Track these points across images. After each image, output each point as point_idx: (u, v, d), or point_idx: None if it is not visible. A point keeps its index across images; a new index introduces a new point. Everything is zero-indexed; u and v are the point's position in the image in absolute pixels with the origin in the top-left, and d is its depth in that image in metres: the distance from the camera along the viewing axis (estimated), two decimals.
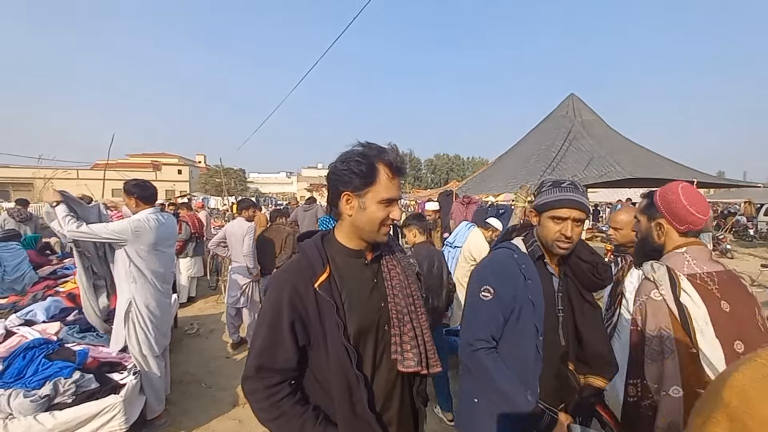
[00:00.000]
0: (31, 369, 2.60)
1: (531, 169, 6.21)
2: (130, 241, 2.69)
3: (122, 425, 2.46)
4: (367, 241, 1.13)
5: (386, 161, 1.06)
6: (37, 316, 3.45)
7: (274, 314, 1.04)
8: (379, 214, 1.07)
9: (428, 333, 1.19)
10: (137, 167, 41.43)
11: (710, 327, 1.18)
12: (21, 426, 2.22)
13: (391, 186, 1.07)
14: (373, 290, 1.14)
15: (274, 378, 1.04)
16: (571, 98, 7.88)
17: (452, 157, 63.37)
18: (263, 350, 1.04)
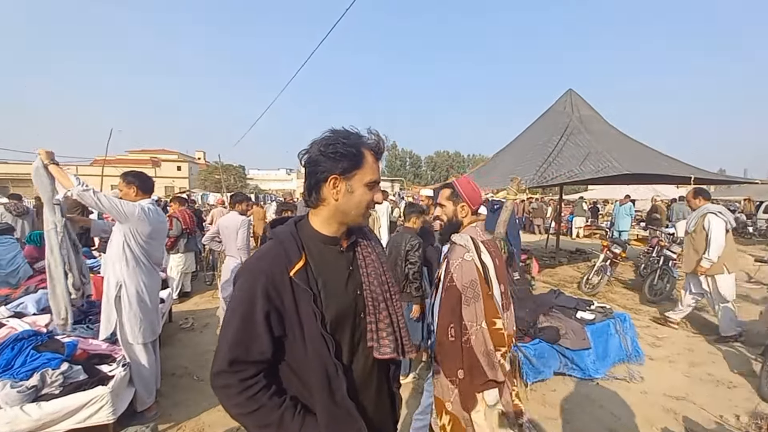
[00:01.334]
0: (19, 360, 2.59)
1: (527, 164, 6.18)
2: (131, 223, 2.70)
3: (110, 416, 2.45)
4: (349, 225, 1.14)
5: (370, 145, 1.10)
6: (27, 308, 3.45)
7: (247, 305, 1.00)
8: (366, 196, 1.10)
9: (402, 320, 1.20)
10: (136, 163, 41.41)
11: (494, 275, 1.72)
12: (7, 416, 2.21)
13: (375, 169, 1.10)
14: (349, 278, 1.13)
15: (249, 371, 1.01)
16: (569, 94, 7.83)
17: (452, 155, 63.27)
18: (237, 343, 1.00)
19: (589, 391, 3.36)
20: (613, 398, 3.27)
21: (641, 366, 3.85)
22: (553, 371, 3.31)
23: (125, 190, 2.88)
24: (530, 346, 3.14)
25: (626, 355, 3.89)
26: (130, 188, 2.86)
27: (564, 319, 3.63)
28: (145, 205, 2.77)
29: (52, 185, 2.63)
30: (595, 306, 4.13)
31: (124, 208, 2.61)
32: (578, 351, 3.47)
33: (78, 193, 2.48)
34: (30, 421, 2.24)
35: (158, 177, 41.17)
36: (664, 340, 4.57)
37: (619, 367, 3.81)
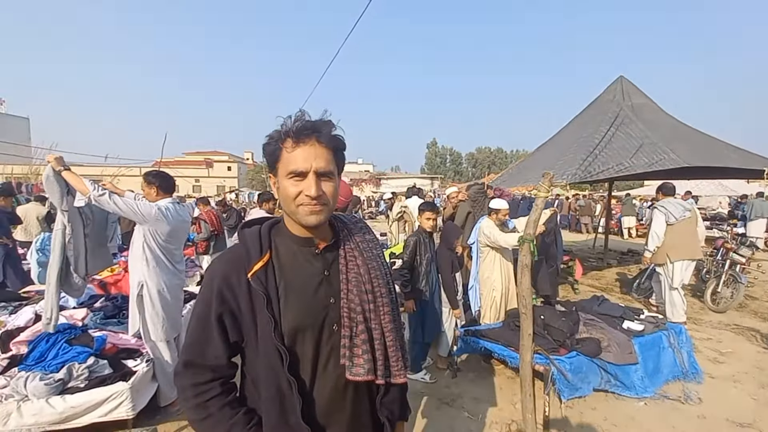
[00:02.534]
0: (52, 353, 2.72)
1: (570, 158, 5.71)
2: (149, 224, 2.74)
3: (129, 412, 2.50)
4: (300, 225, 0.98)
5: (284, 131, 0.93)
6: (68, 302, 3.66)
7: (203, 306, 0.95)
8: (288, 190, 0.93)
9: (391, 336, 1.02)
10: (192, 164, 44.20)
11: None
12: (34, 408, 2.32)
13: (294, 157, 0.91)
14: (322, 284, 0.99)
15: (204, 375, 0.95)
16: (620, 81, 7.20)
17: (494, 150, 61.39)
18: (192, 345, 0.96)
19: (635, 412, 2.99)
20: (664, 421, 2.89)
21: (699, 385, 3.40)
22: (593, 387, 2.98)
23: (147, 190, 2.93)
24: (565, 360, 2.84)
25: (681, 372, 3.45)
26: (151, 188, 2.91)
27: (607, 330, 3.27)
28: (163, 205, 2.79)
29: (62, 191, 2.72)
30: (645, 315, 3.70)
31: (140, 209, 2.65)
32: (623, 366, 3.10)
33: (95, 198, 2.54)
34: (54, 414, 2.34)
35: (211, 177, 43.72)
36: (729, 356, 4.03)
37: (672, 385, 3.38)
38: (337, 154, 0.97)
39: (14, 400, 2.34)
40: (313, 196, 0.90)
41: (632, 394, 3.12)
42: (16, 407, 2.31)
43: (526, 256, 2.43)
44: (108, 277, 4.81)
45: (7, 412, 2.29)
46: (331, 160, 0.94)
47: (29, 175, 20.70)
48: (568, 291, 6.35)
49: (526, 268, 2.44)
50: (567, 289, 6.41)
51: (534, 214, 2.40)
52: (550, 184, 2.38)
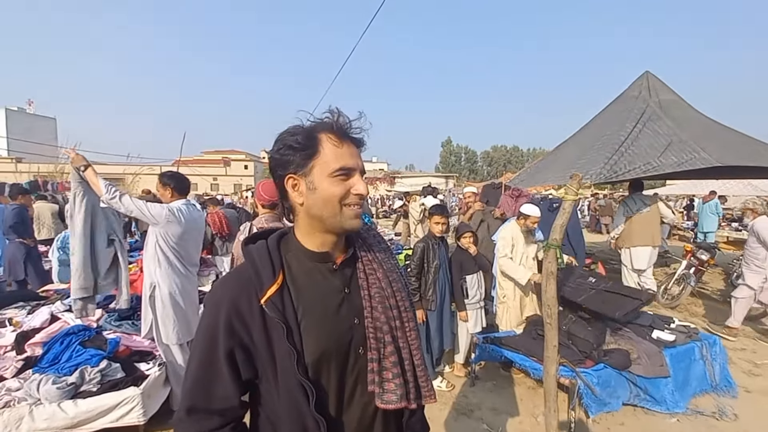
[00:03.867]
0: (65, 355, 2.71)
1: (593, 156, 5.47)
2: (160, 226, 2.70)
3: (140, 417, 2.47)
4: (334, 232, 0.87)
5: (326, 125, 0.84)
6: None
7: (208, 342, 0.82)
8: (334, 189, 0.82)
9: (418, 355, 0.92)
10: (210, 163, 44.95)
11: None
12: (45, 413, 2.30)
13: (341, 153, 0.83)
14: (343, 303, 0.88)
15: (212, 421, 0.82)
16: (645, 77, 6.88)
17: (510, 149, 60.54)
18: (196, 388, 0.82)
19: (667, 429, 2.81)
20: None
21: (734, 399, 3.19)
22: (622, 402, 2.81)
23: (161, 191, 2.89)
24: (592, 373, 2.68)
25: (710, 385, 3.24)
26: (165, 189, 2.86)
27: (636, 340, 3.08)
28: (174, 206, 2.74)
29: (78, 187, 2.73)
30: (675, 324, 3.49)
31: (151, 211, 2.61)
32: (653, 379, 2.92)
33: (106, 201, 2.52)
34: (66, 419, 2.31)
35: (228, 175, 44.36)
36: (765, 368, 3.77)
37: (705, 399, 3.18)
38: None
39: (27, 403, 2.33)
40: (365, 194, 0.85)
41: (663, 410, 2.94)
42: (29, 411, 2.29)
43: (551, 262, 2.29)
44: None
45: (19, 416, 2.28)
46: None
47: (54, 173, 21.35)
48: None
49: (551, 276, 2.29)
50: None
51: (561, 218, 2.25)
52: (579, 186, 2.22)
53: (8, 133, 36.90)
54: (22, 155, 32.07)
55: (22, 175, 21.67)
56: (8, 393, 2.42)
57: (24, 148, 30.84)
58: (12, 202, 5.65)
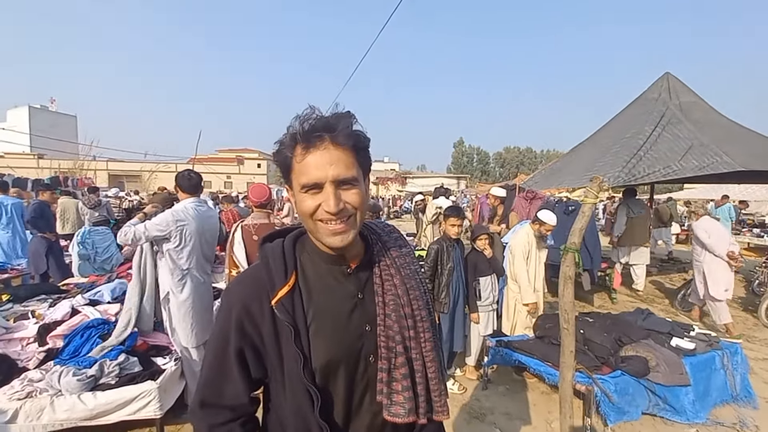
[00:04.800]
0: (85, 348, 2.77)
1: (611, 159, 5.37)
2: (173, 231, 2.72)
3: (157, 411, 2.50)
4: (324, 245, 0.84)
5: (292, 135, 0.77)
6: (103, 296, 3.74)
7: (220, 339, 0.84)
8: (303, 205, 0.78)
9: (434, 367, 0.88)
10: (223, 161, 45.53)
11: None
12: (66, 404, 2.35)
13: (304, 166, 0.76)
14: (356, 309, 0.86)
15: (221, 416, 0.83)
16: (665, 78, 6.73)
17: (523, 150, 59.80)
18: (207, 383, 0.85)
19: None
20: None
21: (755, 411, 3.09)
22: (641, 411, 2.75)
23: (179, 191, 2.92)
24: (609, 380, 2.63)
25: (731, 395, 3.16)
26: (175, 189, 2.92)
27: (654, 347, 3.01)
28: (181, 207, 2.78)
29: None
30: (695, 332, 3.40)
31: (158, 222, 2.66)
32: (673, 388, 2.85)
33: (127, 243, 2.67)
34: (85, 410, 2.36)
35: (241, 174, 44.86)
36: None
37: (725, 409, 3.10)
38: (360, 154, 0.80)
39: (48, 394, 2.38)
40: (332, 211, 0.75)
41: (682, 420, 2.87)
42: (50, 402, 2.34)
43: (569, 266, 2.24)
44: None
45: (40, 406, 2.33)
46: (353, 163, 0.78)
47: (74, 169, 21.90)
48: (605, 300, 6.01)
49: (569, 280, 2.25)
50: (604, 298, 6.07)
51: (580, 221, 2.21)
52: (599, 189, 2.17)
53: (31, 130, 37.98)
54: (44, 151, 32.97)
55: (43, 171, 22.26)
56: (30, 384, 2.48)
57: (46, 144, 31.69)
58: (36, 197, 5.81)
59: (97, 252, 5.89)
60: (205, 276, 3.00)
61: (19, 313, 3.32)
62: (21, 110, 44.36)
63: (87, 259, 5.64)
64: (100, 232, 6.03)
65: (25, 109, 44.53)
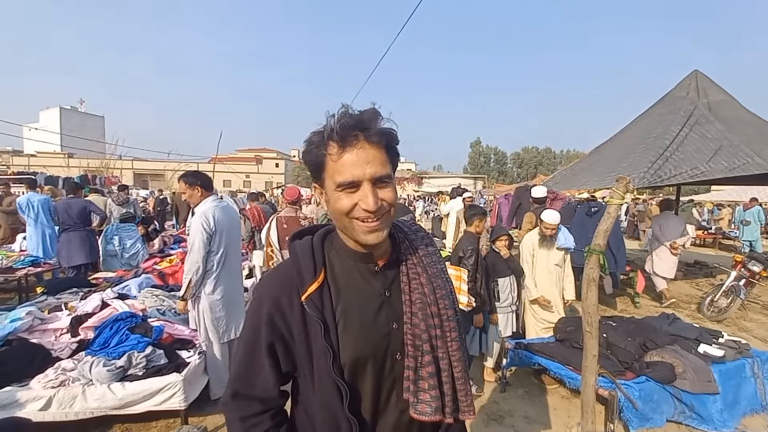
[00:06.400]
0: (114, 340, 2.87)
1: (635, 160, 5.23)
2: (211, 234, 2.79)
3: (181, 403, 2.58)
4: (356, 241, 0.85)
5: (326, 134, 0.77)
6: (131, 290, 3.88)
7: (252, 333, 0.86)
8: (339, 204, 0.79)
9: (459, 367, 0.89)
10: (243, 161, 46.41)
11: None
12: (97, 393, 2.44)
13: (341, 165, 0.76)
14: (383, 306, 0.87)
15: (252, 407, 0.86)
16: (694, 76, 6.51)
17: (542, 150, 58.70)
18: (239, 375, 0.87)
19: None
20: None
21: None
22: (666, 418, 2.68)
23: (189, 192, 2.89)
24: (633, 385, 2.57)
25: (761, 405, 3.04)
26: (194, 189, 2.88)
27: (681, 354, 2.93)
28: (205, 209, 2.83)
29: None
30: (724, 339, 3.29)
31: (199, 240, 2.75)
32: (700, 396, 2.76)
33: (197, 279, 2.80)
34: (114, 400, 2.45)
35: (260, 173, 45.64)
36: None
37: (755, 419, 2.98)
38: (390, 151, 0.81)
39: (80, 384, 2.49)
40: (371, 209, 0.76)
41: (709, 428, 2.77)
42: (81, 391, 2.44)
43: (593, 269, 2.21)
44: (166, 268, 5.09)
45: (73, 395, 2.43)
46: (386, 161, 0.79)
47: (101, 168, 22.72)
48: (627, 304, 5.86)
49: (592, 283, 2.21)
50: (627, 303, 5.92)
51: (605, 223, 2.17)
52: (626, 190, 2.13)
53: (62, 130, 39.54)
54: (74, 151, 34.29)
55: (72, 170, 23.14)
56: (63, 373, 2.59)
57: (75, 144, 32.96)
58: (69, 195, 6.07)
59: (124, 248, 6.10)
60: (235, 272, 3.07)
61: (53, 305, 3.47)
62: (52, 111, 46.21)
63: (114, 255, 5.85)
64: (126, 229, 6.23)
65: (56, 110, 46.36)
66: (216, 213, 2.85)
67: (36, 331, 3.02)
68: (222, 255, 2.88)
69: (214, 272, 2.86)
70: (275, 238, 3.71)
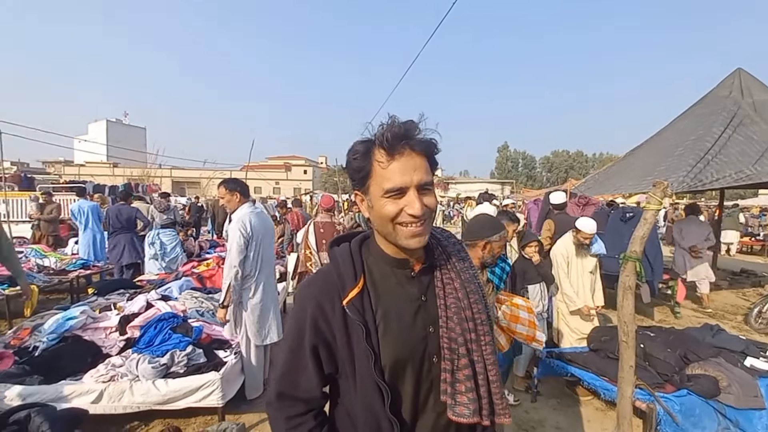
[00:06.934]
0: (158, 339, 3.04)
1: (674, 163, 5.02)
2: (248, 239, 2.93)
3: (219, 401, 2.70)
4: (398, 247, 0.88)
5: (377, 141, 0.81)
6: (173, 292, 4.09)
7: (295, 335, 0.90)
8: (385, 210, 0.82)
9: (494, 371, 0.90)
10: (273, 168, 47.79)
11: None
12: (142, 388, 2.61)
13: (389, 172, 0.80)
14: (419, 311, 0.90)
15: (297, 407, 0.91)
16: (737, 74, 6.19)
17: (573, 154, 56.97)
18: (284, 375, 0.92)
19: None
20: None
21: None
22: None
23: (229, 197, 3.03)
24: (673, 399, 2.46)
25: None
26: (233, 195, 3.03)
27: (726, 367, 2.78)
28: (243, 215, 2.96)
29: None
30: None
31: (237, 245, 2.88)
32: (746, 411, 2.61)
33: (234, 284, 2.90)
34: (158, 395, 2.60)
35: (289, 180, 46.85)
36: None
37: None
38: (431, 160, 0.85)
39: (127, 379, 2.66)
40: (418, 214, 0.80)
41: None
42: (129, 386, 2.61)
43: (629, 276, 2.16)
44: (204, 272, 5.34)
45: (121, 389, 2.60)
46: (428, 168, 0.83)
47: (143, 176, 24.08)
48: (667, 315, 5.60)
49: (629, 291, 2.16)
50: (666, 313, 5.65)
51: (642, 228, 2.12)
52: (664, 195, 2.07)
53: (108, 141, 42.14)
54: (118, 160, 36.46)
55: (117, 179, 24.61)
56: (113, 368, 2.78)
57: (119, 154, 35.06)
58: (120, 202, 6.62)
59: (165, 252, 6.44)
60: (270, 276, 3.19)
61: (102, 305, 3.72)
62: (100, 124, 49.33)
63: (155, 258, 6.18)
64: (167, 234, 6.58)
65: (103, 122, 49.42)
66: (252, 219, 2.98)
67: (88, 329, 3.26)
68: (259, 259, 3.00)
69: (253, 276, 2.98)
70: (313, 241, 4.18)
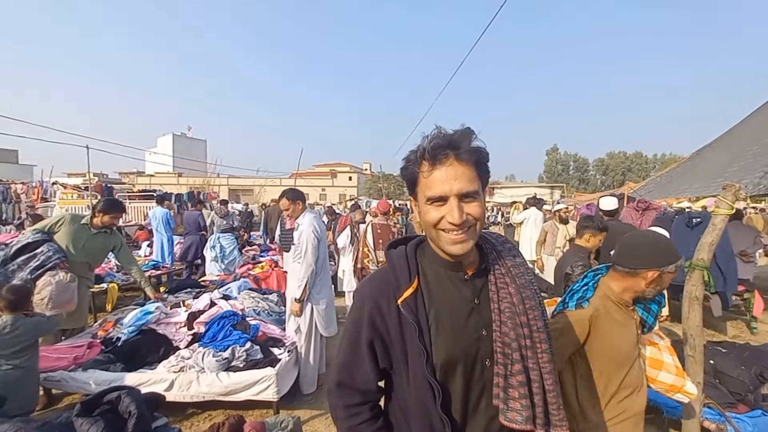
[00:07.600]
0: (221, 334, 3.29)
1: (747, 164, 4.58)
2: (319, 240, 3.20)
3: (274, 395, 2.86)
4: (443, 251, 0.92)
5: (420, 153, 0.86)
6: (233, 292, 4.40)
7: (354, 330, 0.96)
8: (428, 216, 0.87)
9: (550, 380, 0.88)
10: (319, 175, 49.41)
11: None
12: (208, 380, 2.84)
13: (431, 181, 0.85)
14: (472, 313, 0.92)
15: (355, 397, 0.96)
16: None
17: (631, 155, 53.05)
18: (343, 366, 0.98)
19: None
20: None
21: None
22: None
23: (292, 207, 3.30)
24: (746, 420, 2.26)
25: None
26: (297, 204, 3.30)
27: None
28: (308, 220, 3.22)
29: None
30: None
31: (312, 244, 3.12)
32: None
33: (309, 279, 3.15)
34: (221, 387, 2.82)
35: (334, 186, 48.18)
36: None
37: None
38: (480, 168, 0.87)
39: (195, 371, 2.91)
40: (456, 222, 0.83)
41: None
42: (196, 377, 2.85)
43: (695, 286, 2.02)
44: (260, 273, 5.70)
45: (189, 380, 2.85)
46: (474, 177, 0.85)
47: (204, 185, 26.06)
48: (742, 330, 5.08)
49: (695, 301, 2.02)
50: (741, 328, 5.13)
51: (710, 235, 1.99)
52: (735, 198, 1.93)
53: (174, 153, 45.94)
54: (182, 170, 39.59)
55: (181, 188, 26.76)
56: (182, 360, 3.05)
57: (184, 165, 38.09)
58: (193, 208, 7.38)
59: (224, 254, 6.93)
60: (328, 274, 3.44)
61: (173, 302, 4.09)
62: (167, 137, 53.79)
63: (215, 261, 6.67)
64: (226, 238, 7.09)
65: (169, 136, 53.87)
66: (317, 223, 3.25)
67: (161, 324, 3.60)
68: (323, 259, 3.27)
69: (320, 274, 3.26)
70: (371, 240, 4.61)
